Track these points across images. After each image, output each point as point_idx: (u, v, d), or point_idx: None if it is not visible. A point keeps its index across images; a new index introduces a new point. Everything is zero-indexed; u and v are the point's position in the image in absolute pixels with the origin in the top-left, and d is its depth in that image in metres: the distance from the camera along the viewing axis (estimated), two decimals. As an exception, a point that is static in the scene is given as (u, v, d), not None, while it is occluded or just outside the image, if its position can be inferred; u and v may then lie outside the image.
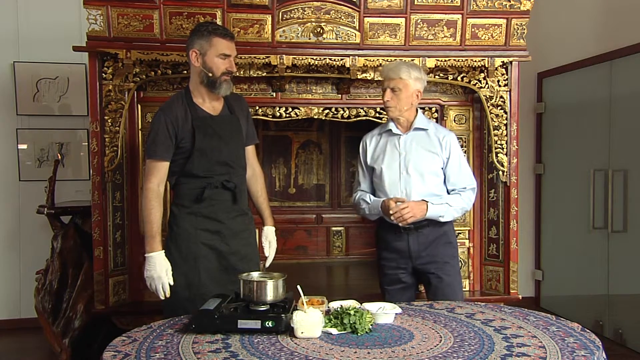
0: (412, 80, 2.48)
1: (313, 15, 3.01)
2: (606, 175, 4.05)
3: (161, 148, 2.30)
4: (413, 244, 2.52)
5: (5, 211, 4.32)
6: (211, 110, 2.40)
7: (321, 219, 4.32)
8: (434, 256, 2.52)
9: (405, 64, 2.54)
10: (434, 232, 2.52)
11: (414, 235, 2.51)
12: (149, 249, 2.25)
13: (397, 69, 2.49)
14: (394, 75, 2.48)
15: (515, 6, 3.08)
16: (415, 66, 2.57)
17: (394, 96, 2.49)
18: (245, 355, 1.59)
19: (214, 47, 2.31)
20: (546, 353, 1.60)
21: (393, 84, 2.48)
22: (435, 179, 2.52)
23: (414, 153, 2.52)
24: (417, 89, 2.51)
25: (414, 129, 2.55)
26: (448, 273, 2.53)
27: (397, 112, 2.52)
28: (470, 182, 2.57)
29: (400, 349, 1.64)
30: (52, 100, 4.38)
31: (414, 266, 2.55)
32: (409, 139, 2.55)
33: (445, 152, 2.53)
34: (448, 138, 2.55)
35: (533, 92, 4.91)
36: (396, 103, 2.49)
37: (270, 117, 3.24)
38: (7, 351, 3.92)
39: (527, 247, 4.93)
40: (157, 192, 2.29)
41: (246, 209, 2.47)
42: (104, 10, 2.87)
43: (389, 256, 2.59)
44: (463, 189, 2.54)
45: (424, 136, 2.56)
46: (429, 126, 2.58)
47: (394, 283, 2.59)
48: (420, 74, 2.52)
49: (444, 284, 2.51)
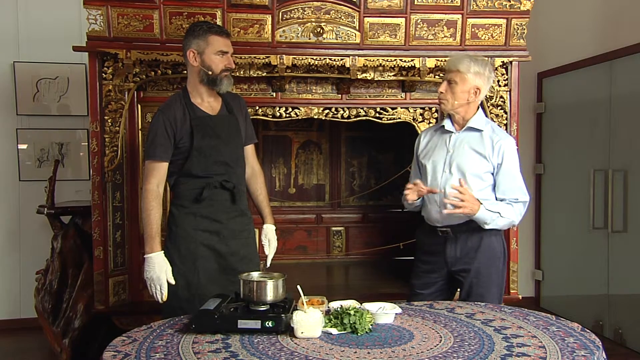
0: (471, 75, 2.33)
1: (313, 15, 3.01)
2: (606, 175, 4.05)
3: (160, 149, 2.30)
4: (450, 249, 2.40)
5: (5, 211, 4.32)
6: (209, 110, 2.40)
7: (321, 219, 4.32)
8: (469, 265, 2.38)
9: (468, 57, 2.38)
10: (473, 239, 2.38)
11: (452, 240, 2.39)
12: (149, 250, 2.25)
13: (456, 61, 2.35)
14: (452, 67, 2.36)
15: (515, 6, 3.08)
16: (480, 61, 2.38)
17: (449, 89, 2.36)
18: (245, 355, 1.59)
19: (211, 45, 2.32)
20: (546, 353, 1.60)
21: (450, 76, 2.35)
22: (479, 183, 2.35)
23: (461, 152, 2.38)
24: (475, 85, 2.35)
25: (467, 128, 2.40)
26: (481, 285, 2.38)
27: (449, 106, 2.38)
28: (522, 196, 2.37)
29: (400, 349, 1.64)
30: (52, 100, 4.38)
31: (449, 271, 2.44)
32: (460, 138, 2.41)
33: (496, 157, 2.35)
34: (503, 143, 2.35)
35: (533, 92, 4.91)
36: (450, 96, 2.36)
37: (270, 117, 3.24)
38: (7, 351, 3.92)
39: (527, 247, 4.93)
40: (156, 193, 2.29)
41: (245, 209, 2.47)
42: (104, 10, 2.87)
43: (425, 259, 2.50)
44: (515, 200, 2.36)
45: (477, 137, 2.39)
46: (485, 127, 2.40)
47: (427, 287, 2.49)
48: (483, 69, 2.35)
49: (473, 295, 2.38)
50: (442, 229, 2.41)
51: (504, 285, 2.59)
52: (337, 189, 4.38)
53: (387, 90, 3.30)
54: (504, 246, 2.47)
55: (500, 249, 2.44)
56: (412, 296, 2.52)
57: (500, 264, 2.45)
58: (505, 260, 2.48)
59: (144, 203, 2.29)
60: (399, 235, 3.87)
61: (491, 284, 2.41)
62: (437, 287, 2.49)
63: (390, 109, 3.28)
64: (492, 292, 2.41)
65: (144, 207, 2.28)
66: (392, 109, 3.28)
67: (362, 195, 4.38)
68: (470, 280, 2.40)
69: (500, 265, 2.45)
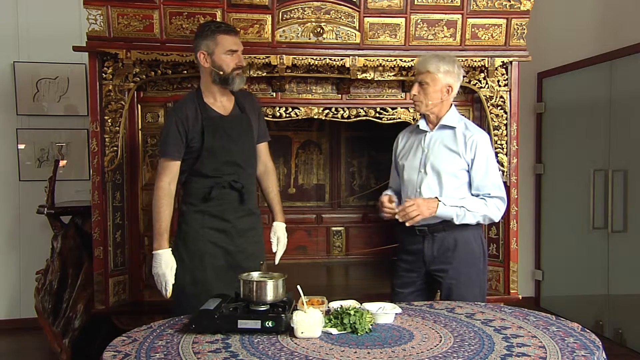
0: (442, 74, 2.35)
1: (313, 15, 3.01)
2: (606, 175, 4.05)
3: (172, 147, 2.33)
4: (427, 248, 2.40)
5: (5, 211, 4.32)
6: (222, 110, 2.42)
7: (321, 219, 4.32)
8: (448, 264, 2.38)
9: (435, 57, 2.39)
10: (451, 237, 2.37)
11: (429, 239, 2.39)
12: (157, 246, 2.29)
13: (425, 62, 2.37)
14: (421, 69, 2.37)
15: (515, 6, 3.08)
16: (447, 59, 2.39)
17: (421, 90, 2.37)
18: (245, 355, 1.59)
19: (220, 45, 2.33)
20: (546, 353, 1.60)
21: (421, 78, 2.37)
22: (454, 181, 2.36)
23: (436, 151, 2.40)
24: (447, 83, 2.37)
25: (439, 126, 2.42)
26: (461, 285, 2.37)
27: (423, 107, 2.39)
28: (495, 191, 2.36)
29: (400, 349, 1.64)
30: (52, 100, 4.38)
31: (427, 271, 2.44)
32: (434, 137, 2.43)
33: (469, 153, 2.35)
34: (475, 138, 2.37)
35: (533, 92, 4.91)
36: (423, 98, 2.38)
37: (270, 117, 3.23)
38: (7, 351, 3.92)
39: (527, 247, 4.93)
40: (167, 191, 2.33)
41: (254, 208, 2.49)
42: (104, 10, 2.87)
43: (404, 258, 2.50)
44: (488, 195, 2.36)
45: (450, 134, 2.40)
46: (458, 124, 2.41)
47: (406, 286, 2.49)
48: (452, 67, 2.37)
49: (454, 295, 2.37)
50: (420, 227, 2.40)
51: (486, 286, 2.60)
52: (337, 189, 4.38)
53: (387, 90, 3.30)
54: (484, 247, 2.47)
55: (479, 249, 2.44)
56: (392, 295, 2.53)
57: (481, 265, 2.45)
58: (485, 261, 2.48)
59: (154, 200, 2.33)
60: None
61: (472, 285, 2.41)
62: (416, 286, 2.49)
63: (390, 109, 3.28)
64: (473, 293, 2.40)
65: (155, 204, 2.32)
66: (392, 109, 3.28)
67: (362, 195, 4.37)
68: (449, 282, 2.39)
69: (481, 266, 2.45)
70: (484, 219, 2.38)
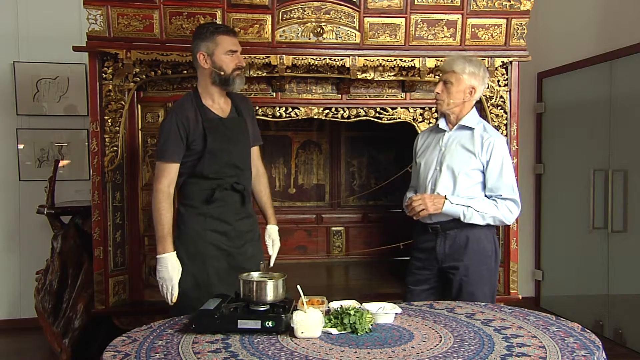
0: (466, 75, 2.39)
1: (313, 15, 3.01)
2: (606, 175, 4.05)
3: (172, 150, 2.31)
4: (440, 246, 2.43)
5: (5, 211, 4.32)
6: (220, 112, 2.41)
7: (321, 219, 4.32)
8: (459, 261, 2.40)
9: (463, 58, 2.44)
10: (463, 234, 2.40)
11: (442, 237, 2.43)
12: (161, 250, 2.27)
13: (451, 62, 2.42)
14: (447, 68, 2.42)
15: (515, 6, 3.08)
16: (473, 61, 2.45)
17: (445, 89, 2.42)
18: (245, 355, 1.59)
19: (220, 45, 2.33)
20: (546, 353, 1.60)
21: (446, 77, 2.42)
22: (468, 180, 2.40)
23: (452, 150, 2.43)
24: (470, 85, 2.41)
25: (458, 126, 2.46)
26: (471, 282, 2.39)
27: (445, 106, 2.44)
28: (508, 193, 2.39)
29: (400, 349, 1.64)
30: (52, 100, 4.38)
31: (440, 268, 2.46)
32: (452, 137, 2.47)
33: (485, 155, 2.38)
34: (492, 140, 2.39)
35: (533, 92, 4.91)
36: (445, 97, 2.42)
37: (270, 117, 3.24)
38: (7, 351, 3.92)
39: (527, 247, 4.93)
40: (167, 194, 2.31)
41: (252, 211, 2.51)
42: (104, 10, 2.87)
43: (418, 256, 2.54)
44: (500, 197, 2.38)
45: (468, 135, 2.44)
46: (477, 125, 2.45)
47: (419, 284, 2.52)
48: (477, 69, 2.41)
49: (464, 292, 2.40)
50: (433, 225, 2.44)
51: (497, 284, 2.60)
52: (337, 189, 4.38)
53: (387, 90, 3.30)
54: (496, 245, 2.49)
55: (491, 247, 2.45)
56: (406, 293, 2.56)
57: (492, 263, 2.47)
58: (497, 259, 2.50)
59: (155, 204, 2.30)
60: (399, 235, 3.87)
61: (482, 283, 2.42)
62: (430, 284, 2.51)
63: (390, 109, 3.28)
64: (483, 291, 2.42)
65: (155, 207, 2.29)
66: (392, 109, 3.28)
67: (362, 195, 4.38)
68: (460, 279, 2.41)
69: (492, 264, 2.47)
70: (494, 220, 2.40)
